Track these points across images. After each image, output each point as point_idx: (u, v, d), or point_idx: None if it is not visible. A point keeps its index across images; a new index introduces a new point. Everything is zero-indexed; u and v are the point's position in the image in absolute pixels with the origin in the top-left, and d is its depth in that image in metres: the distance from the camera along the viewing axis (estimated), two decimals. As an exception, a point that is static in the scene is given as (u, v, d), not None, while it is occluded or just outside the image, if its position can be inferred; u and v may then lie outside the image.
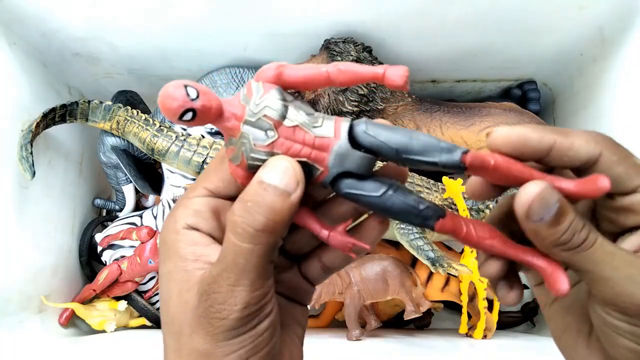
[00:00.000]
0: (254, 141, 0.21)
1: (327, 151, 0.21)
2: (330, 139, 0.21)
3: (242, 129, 0.21)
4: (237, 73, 0.69)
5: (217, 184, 0.23)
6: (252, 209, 0.20)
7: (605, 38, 0.62)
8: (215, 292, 0.20)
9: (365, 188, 0.21)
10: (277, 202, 0.20)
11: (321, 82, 0.22)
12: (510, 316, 0.76)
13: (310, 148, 0.21)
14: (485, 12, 0.59)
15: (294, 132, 0.21)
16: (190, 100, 0.19)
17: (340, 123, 0.21)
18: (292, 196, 0.20)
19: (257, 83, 0.21)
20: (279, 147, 0.21)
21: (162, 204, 0.69)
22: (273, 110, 0.21)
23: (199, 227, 0.22)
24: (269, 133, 0.21)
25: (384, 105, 0.64)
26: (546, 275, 0.21)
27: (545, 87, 0.76)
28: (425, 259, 0.59)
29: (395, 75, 0.22)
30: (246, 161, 0.21)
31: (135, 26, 0.63)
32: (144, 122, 0.64)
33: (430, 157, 0.20)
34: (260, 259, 0.20)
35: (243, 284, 0.20)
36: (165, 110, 0.19)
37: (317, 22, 0.62)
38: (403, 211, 0.21)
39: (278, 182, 0.20)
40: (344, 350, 0.57)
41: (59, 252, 0.68)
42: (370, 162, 0.21)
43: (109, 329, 0.66)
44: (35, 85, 0.64)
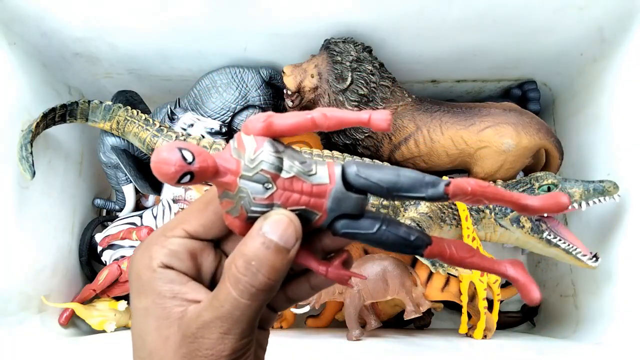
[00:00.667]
0: (253, 195, 0.21)
1: (325, 197, 0.22)
2: (327, 185, 0.22)
3: (239, 184, 0.21)
4: (237, 73, 0.69)
5: (197, 228, 0.24)
6: (255, 268, 0.21)
7: (605, 38, 0.62)
8: (205, 337, 0.21)
9: (361, 227, 0.22)
10: (277, 260, 0.21)
11: (308, 128, 0.23)
12: (510, 316, 0.76)
13: (308, 196, 0.22)
14: (485, 12, 0.59)
15: (292, 182, 0.21)
16: (187, 163, 0.20)
17: (333, 168, 0.22)
18: (290, 252, 0.21)
19: (248, 137, 0.22)
20: (278, 199, 0.21)
21: (162, 204, 0.69)
22: (269, 164, 0.21)
23: (174, 266, 0.23)
24: (267, 185, 0.21)
25: (384, 105, 0.64)
26: (519, 286, 0.22)
27: (545, 87, 0.76)
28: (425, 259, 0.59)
29: (380, 120, 0.23)
30: (246, 214, 0.21)
31: (136, 26, 0.63)
32: (144, 122, 0.64)
33: (418, 193, 0.22)
34: (255, 312, 0.21)
35: (234, 333, 0.21)
36: (162, 175, 0.19)
37: (317, 22, 0.62)
38: (396, 243, 0.22)
39: (279, 239, 0.21)
40: (344, 350, 0.57)
41: (59, 252, 0.67)
42: (363, 202, 0.22)
43: (108, 329, 0.66)
44: (36, 85, 0.64)
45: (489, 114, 0.65)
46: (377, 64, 0.64)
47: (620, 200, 0.59)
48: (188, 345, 0.21)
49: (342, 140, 0.68)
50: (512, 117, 0.65)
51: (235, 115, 0.69)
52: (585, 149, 0.68)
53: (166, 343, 0.22)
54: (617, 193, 0.59)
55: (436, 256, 0.23)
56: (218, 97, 0.68)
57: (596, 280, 0.63)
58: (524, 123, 0.65)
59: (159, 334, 0.22)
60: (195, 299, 0.22)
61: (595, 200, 0.59)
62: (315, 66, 0.64)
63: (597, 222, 0.64)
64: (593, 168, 0.67)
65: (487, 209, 0.64)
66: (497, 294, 0.65)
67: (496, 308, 0.65)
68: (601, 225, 0.63)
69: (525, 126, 0.65)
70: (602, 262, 0.59)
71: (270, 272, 0.21)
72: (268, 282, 0.21)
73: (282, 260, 0.21)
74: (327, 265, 0.23)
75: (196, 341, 0.21)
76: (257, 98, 0.69)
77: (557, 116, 0.77)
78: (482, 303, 0.63)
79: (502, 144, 0.64)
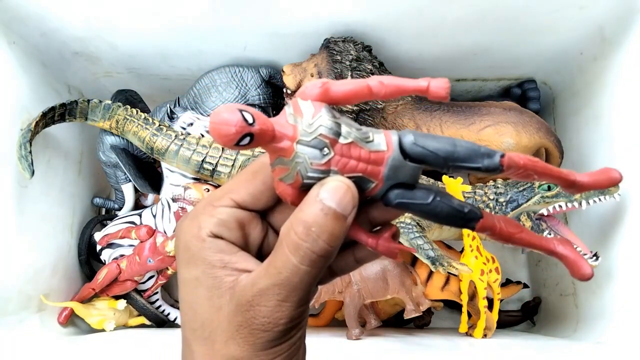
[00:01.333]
0: (310, 160, 0.21)
1: (382, 164, 0.21)
2: (384, 152, 0.22)
3: (296, 149, 0.21)
4: (237, 72, 0.69)
5: (245, 198, 0.24)
6: (316, 234, 0.20)
7: (605, 37, 0.62)
8: (261, 304, 0.21)
9: (416, 197, 0.22)
10: (336, 227, 0.21)
11: (364, 96, 0.22)
12: (510, 315, 0.76)
13: (366, 163, 0.21)
14: (485, 11, 0.59)
15: (349, 148, 0.21)
16: (248, 124, 0.20)
17: (390, 135, 0.22)
18: (348, 219, 0.21)
19: (305, 102, 0.22)
20: (336, 164, 0.21)
21: (161, 203, 0.69)
22: (327, 128, 0.21)
23: (223, 236, 0.23)
24: (325, 151, 0.21)
25: (384, 103, 0.64)
26: (569, 263, 0.22)
27: (545, 86, 0.76)
28: (425, 257, 0.59)
29: (439, 87, 0.23)
30: (301, 180, 0.21)
31: (135, 25, 0.63)
32: (144, 121, 0.64)
33: (474, 163, 0.21)
34: (313, 279, 0.21)
35: (291, 301, 0.21)
36: (221, 137, 0.19)
37: (317, 21, 0.62)
38: (450, 215, 0.22)
39: (337, 205, 0.20)
40: (344, 350, 0.57)
41: (59, 251, 0.67)
42: (418, 172, 0.22)
43: (108, 328, 0.66)
44: (35, 84, 0.64)
45: (489, 113, 0.65)
46: (376, 63, 0.64)
47: (621, 200, 0.59)
48: (244, 314, 0.21)
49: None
50: (512, 116, 0.65)
51: (234, 114, 0.69)
52: (585, 148, 0.68)
53: (219, 313, 0.22)
54: (617, 192, 0.59)
55: (487, 230, 0.22)
56: (218, 96, 0.68)
57: (596, 280, 0.63)
58: (524, 122, 0.65)
59: (211, 304, 0.22)
60: (245, 268, 0.22)
61: (596, 200, 0.59)
62: (315, 65, 0.64)
63: (597, 221, 0.64)
64: (593, 167, 0.66)
65: (487, 208, 0.64)
66: (497, 293, 0.65)
67: (496, 307, 0.65)
68: (601, 225, 0.63)
69: (525, 125, 0.65)
70: (602, 261, 0.59)
71: (330, 239, 0.21)
72: (328, 248, 0.21)
73: (340, 227, 0.21)
74: (377, 237, 0.23)
75: (252, 309, 0.21)
76: (256, 97, 0.69)
77: (557, 115, 0.77)
78: (482, 302, 0.62)
79: (502, 143, 0.64)
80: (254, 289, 0.21)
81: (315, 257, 0.21)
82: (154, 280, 0.70)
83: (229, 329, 0.21)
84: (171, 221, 0.66)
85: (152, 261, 0.65)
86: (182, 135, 0.65)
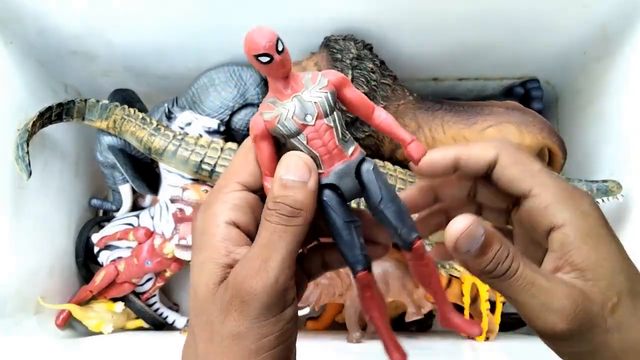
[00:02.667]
0: (294, 115, 0.23)
1: (337, 162, 0.24)
2: (346, 155, 0.24)
3: (291, 99, 0.24)
4: (236, 71, 0.68)
5: (247, 179, 0.25)
6: (281, 201, 0.23)
7: (609, 36, 0.61)
8: (248, 267, 0.22)
9: (338, 209, 0.24)
10: (298, 193, 0.23)
11: (364, 111, 0.26)
12: (512, 318, 0.75)
13: (327, 152, 0.24)
14: (487, 9, 0.59)
15: (325, 130, 0.24)
16: (276, 50, 0.22)
17: (359, 151, 0.25)
18: (309, 184, 0.23)
19: (324, 78, 0.24)
20: (307, 132, 0.23)
21: (159, 204, 0.68)
22: (323, 104, 0.24)
23: (239, 222, 0.24)
24: (308, 118, 0.23)
25: (385, 103, 0.64)
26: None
27: (548, 86, 0.75)
28: (427, 259, 0.59)
29: (416, 150, 0.26)
30: (275, 123, 0.23)
31: (133, 24, 0.62)
32: (141, 121, 0.64)
33: (396, 223, 0.24)
34: (292, 237, 0.23)
35: (275, 258, 0.22)
36: (250, 42, 0.22)
37: (317, 19, 0.61)
38: (348, 246, 0.24)
39: (294, 176, 0.23)
40: (345, 353, 0.56)
41: (56, 253, 0.67)
42: (356, 193, 0.25)
43: (106, 331, 0.65)
44: (32, 83, 0.64)
45: (492, 112, 0.65)
46: (377, 62, 0.63)
47: (624, 200, 0.59)
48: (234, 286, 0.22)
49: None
50: (514, 116, 0.64)
51: (233, 114, 0.68)
52: (589, 148, 0.68)
53: (214, 297, 0.23)
54: (620, 193, 0.58)
55: (362, 285, 0.25)
56: (216, 95, 0.68)
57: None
58: (526, 122, 0.64)
59: (207, 289, 0.23)
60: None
61: (599, 200, 0.58)
62: (315, 64, 0.63)
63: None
64: (596, 167, 0.66)
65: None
66: (500, 296, 0.64)
67: (498, 310, 0.64)
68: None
69: (528, 125, 0.64)
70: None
71: (294, 203, 0.23)
72: (295, 210, 0.23)
73: (303, 193, 0.23)
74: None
75: (239, 275, 0.22)
76: (255, 96, 0.68)
77: (560, 115, 0.76)
78: (485, 305, 0.62)
79: (504, 143, 0.63)
80: (241, 258, 0.23)
81: (286, 218, 0.23)
82: (152, 283, 0.70)
83: (224, 307, 0.22)
84: (169, 222, 0.66)
85: (150, 263, 0.65)
86: (180, 135, 0.64)
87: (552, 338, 0.23)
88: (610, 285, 0.23)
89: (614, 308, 0.22)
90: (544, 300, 0.22)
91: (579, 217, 0.23)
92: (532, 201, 0.24)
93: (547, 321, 0.22)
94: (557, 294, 0.22)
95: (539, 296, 0.22)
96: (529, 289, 0.22)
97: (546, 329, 0.22)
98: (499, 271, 0.22)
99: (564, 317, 0.22)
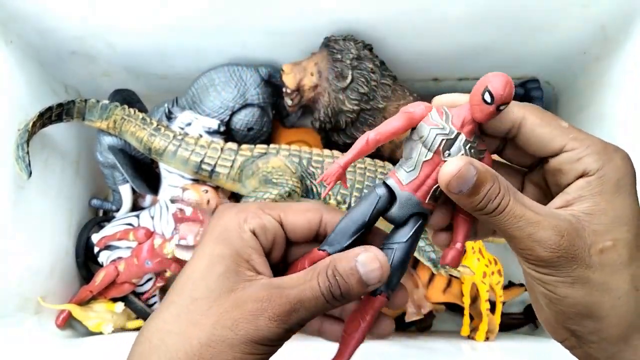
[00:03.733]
0: (445, 140, 0.25)
1: (418, 194, 0.26)
2: (424, 200, 0.26)
3: (458, 131, 0.25)
4: (236, 71, 0.68)
5: (287, 221, 0.28)
6: (337, 280, 0.25)
7: (608, 36, 0.61)
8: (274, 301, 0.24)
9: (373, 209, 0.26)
10: (354, 287, 0.25)
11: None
12: (512, 318, 0.75)
13: (421, 184, 0.26)
14: (487, 9, 0.59)
15: (438, 164, 0.25)
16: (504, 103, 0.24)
17: (430, 209, 0.27)
18: (368, 287, 0.25)
19: (484, 152, 0.26)
20: (432, 158, 0.25)
21: (159, 204, 0.68)
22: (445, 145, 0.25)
23: (259, 237, 0.26)
24: (446, 154, 0.25)
25: (385, 104, 0.64)
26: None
27: (548, 86, 0.75)
28: (427, 260, 0.59)
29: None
30: (426, 123, 0.25)
31: (133, 24, 0.62)
32: (141, 121, 0.64)
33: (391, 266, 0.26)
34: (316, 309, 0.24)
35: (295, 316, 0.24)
36: (509, 89, 0.23)
37: (317, 19, 0.61)
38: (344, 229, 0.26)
39: (363, 273, 0.25)
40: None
41: (56, 253, 0.67)
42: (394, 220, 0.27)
43: (106, 331, 0.65)
44: (32, 84, 0.63)
45: (491, 112, 0.65)
46: (377, 62, 0.63)
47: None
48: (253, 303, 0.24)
49: (343, 139, 0.67)
50: (514, 116, 0.64)
51: (233, 114, 0.68)
52: (589, 149, 0.68)
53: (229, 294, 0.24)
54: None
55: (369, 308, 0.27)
56: (216, 95, 0.68)
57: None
58: (526, 122, 0.64)
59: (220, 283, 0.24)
60: (262, 272, 0.25)
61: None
62: (315, 64, 0.63)
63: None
64: (597, 167, 0.66)
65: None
66: (500, 296, 0.64)
67: (498, 310, 0.64)
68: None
69: (528, 125, 0.64)
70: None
71: (345, 291, 0.24)
72: (338, 295, 0.24)
73: (357, 288, 0.24)
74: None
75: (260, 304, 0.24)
76: (255, 97, 0.68)
77: (560, 115, 0.75)
78: (485, 305, 0.62)
79: (504, 143, 0.63)
80: (278, 289, 0.24)
81: (331, 297, 0.24)
82: (152, 283, 0.70)
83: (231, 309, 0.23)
84: (169, 222, 0.66)
85: (150, 263, 0.65)
86: (180, 135, 0.64)
87: (534, 265, 0.24)
88: (607, 231, 0.24)
89: (603, 250, 0.24)
90: (530, 231, 0.24)
91: (609, 168, 0.24)
92: (564, 156, 0.25)
93: (532, 250, 0.24)
94: (543, 225, 0.24)
95: (525, 228, 0.24)
96: (516, 222, 0.24)
97: (530, 257, 0.24)
98: (489, 209, 0.24)
99: (546, 246, 0.23)
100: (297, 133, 0.75)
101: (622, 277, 0.24)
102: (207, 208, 0.63)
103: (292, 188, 0.57)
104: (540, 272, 0.24)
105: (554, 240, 0.23)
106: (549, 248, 0.23)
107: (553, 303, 0.25)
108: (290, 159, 0.61)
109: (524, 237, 0.24)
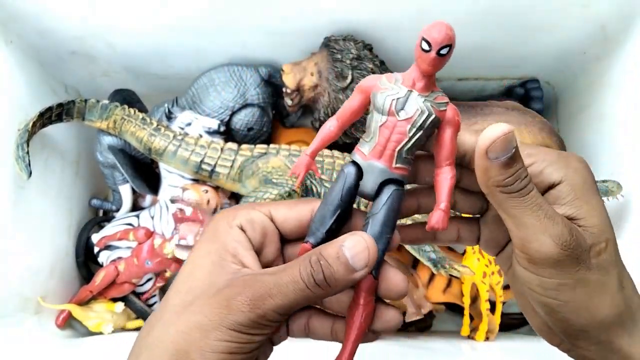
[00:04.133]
0: (396, 100, 0.25)
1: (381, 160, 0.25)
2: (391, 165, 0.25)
3: (408, 89, 0.25)
4: (236, 71, 0.68)
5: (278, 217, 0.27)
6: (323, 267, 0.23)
7: (608, 36, 0.61)
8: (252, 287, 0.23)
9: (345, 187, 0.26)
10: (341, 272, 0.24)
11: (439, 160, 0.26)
12: (512, 318, 0.75)
13: (384, 148, 0.25)
14: (487, 9, 0.59)
15: (400, 134, 0.25)
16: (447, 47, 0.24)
17: (403, 174, 0.26)
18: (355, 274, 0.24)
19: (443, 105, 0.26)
20: (388, 120, 0.25)
21: (159, 204, 0.68)
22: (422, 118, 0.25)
23: (246, 231, 0.26)
24: (401, 113, 0.25)
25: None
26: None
27: (548, 86, 0.75)
28: (427, 260, 0.59)
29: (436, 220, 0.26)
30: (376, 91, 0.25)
31: (133, 24, 0.62)
32: (141, 121, 0.64)
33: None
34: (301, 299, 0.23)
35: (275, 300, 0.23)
36: (434, 29, 0.24)
37: (317, 19, 0.61)
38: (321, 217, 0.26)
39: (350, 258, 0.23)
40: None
41: (56, 253, 0.67)
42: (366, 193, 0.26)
43: (106, 331, 0.65)
44: (32, 84, 0.63)
45: (492, 112, 0.65)
46: (377, 62, 0.63)
47: (624, 200, 0.58)
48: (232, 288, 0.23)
49: (342, 139, 0.67)
50: (515, 116, 0.64)
51: (233, 114, 0.68)
52: (589, 148, 0.68)
53: (210, 286, 0.24)
54: (620, 193, 0.58)
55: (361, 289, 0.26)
56: (216, 95, 0.68)
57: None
58: (526, 122, 0.64)
59: (204, 277, 0.24)
60: (249, 266, 0.25)
61: (599, 200, 0.58)
62: (315, 64, 0.63)
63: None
64: (596, 168, 0.66)
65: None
66: (500, 296, 0.64)
67: (499, 310, 0.64)
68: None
69: (528, 125, 0.64)
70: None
71: (330, 278, 0.23)
72: (324, 283, 0.23)
73: (345, 274, 0.23)
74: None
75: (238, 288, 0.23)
76: (255, 97, 0.68)
77: (560, 115, 0.76)
78: (485, 305, 0.62)
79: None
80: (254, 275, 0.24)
81: (312, 282, 0.23)
82: (152, 283, 0.70)
83: (209, 297, 0.23)
84: (169, 222, 0.66)
85: (150, 263, 0.65)
86: (180, 135, 0.64)
87: (541, 262, 0.24)
88: (600, 232, 0.24)
89: (600, 252, 0.24)
90: (547, 224, 0.23)
91: (572, 173, 0.25)
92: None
93: (543, 243, 0.23)
94: (557, 221, 0.23)
95: (542, 219, 0.23)
96: (535, 210, 0.23)
97: (540, 251, 0.23)
98: (516, 187, 0.23)
99: (560, 242, 0.23)
100: (297, 133, 0.75)
101: (612, 276, 0.25)
102: (207, 208, 0.63)
103: (292, 188, 0.57)
104: (542, 275, 0.24)
105: (565, 238, 0.23)
106: (561, 244, 0.23)
107: (555, 311, 0.25)
108: (290, 159, 0.61)
109: (538, 227, 0.23)
